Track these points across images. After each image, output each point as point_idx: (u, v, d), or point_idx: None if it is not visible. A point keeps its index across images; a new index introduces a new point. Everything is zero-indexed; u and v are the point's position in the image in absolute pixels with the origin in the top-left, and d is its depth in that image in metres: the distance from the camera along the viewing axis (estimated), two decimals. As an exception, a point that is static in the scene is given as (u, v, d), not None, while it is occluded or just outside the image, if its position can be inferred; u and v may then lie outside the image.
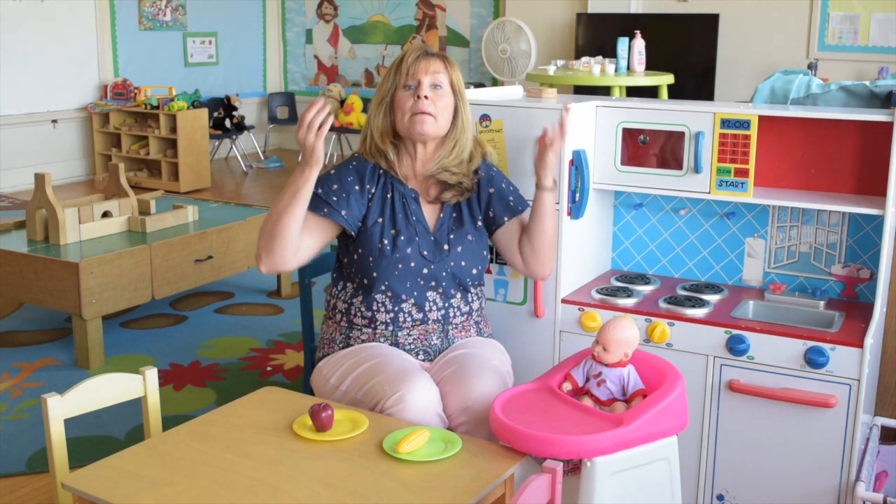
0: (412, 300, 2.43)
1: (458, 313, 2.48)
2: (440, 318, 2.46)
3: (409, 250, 2.41)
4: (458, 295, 2.48)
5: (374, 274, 2.41)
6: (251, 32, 10.07)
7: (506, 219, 2.54)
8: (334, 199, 2.41)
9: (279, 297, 4.99)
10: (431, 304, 2.45)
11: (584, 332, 2.71)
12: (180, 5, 9.23)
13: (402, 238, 2.42)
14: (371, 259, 2.42)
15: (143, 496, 1.80)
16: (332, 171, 2.49)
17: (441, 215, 2.49)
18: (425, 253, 2.43)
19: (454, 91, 2.46)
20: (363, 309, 2.45)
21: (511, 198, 2.56)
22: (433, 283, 2.44)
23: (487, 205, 2.52)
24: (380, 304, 2.43)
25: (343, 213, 2.40)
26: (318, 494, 1.80)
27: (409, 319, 2.43)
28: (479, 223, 2.52)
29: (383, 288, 2.41)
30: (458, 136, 2.47)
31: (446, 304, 2.46)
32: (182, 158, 7.86)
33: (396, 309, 2.43)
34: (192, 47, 9.42)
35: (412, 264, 2.41)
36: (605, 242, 3.04)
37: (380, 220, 2.43)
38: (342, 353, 2.43)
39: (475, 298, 2.53)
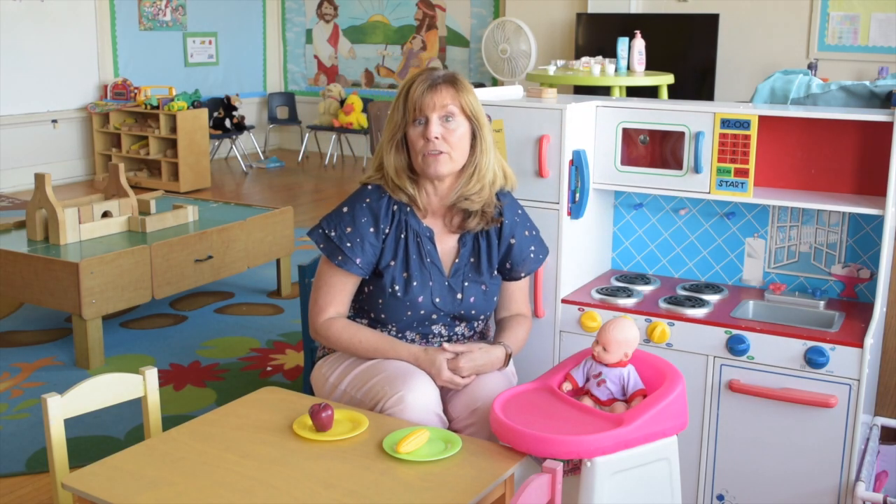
0: (417, 334, 2.40)
1: (462, 338, 2.45)
2: (444, 341, 2.42)
3: (420, 298, 2.33)
4: (464, 324, 2.44)
5: (383, 315, 2.36)
6: (251, 32, 10.07)
7: (522, 274, 2.47)
8: (348, 244, 2.30)
9: (279, 297, 4.99)
10: (437, 335, 2.42)
11: (584, 332, 2.71)
12: (180, 5, 9.23)
13: (415, 284, 2.33)
14: (381, 301, 2.35)
15: (143, 496, 1.80)
16: (345, 210, 2.35)
17: (457, 260, 2.38)
18: (437, 300, 2.35)
19: (468, 116, 2.30)
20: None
21: (533, 247, 2.46)
22: (440, 323, 2.40)
23: (506, 255, 2.42)
24: (383, 330, 2.40)
25: (357, 261, 2.30)
26: (318, 494, 1.80)
27: (411, 342, 2.41)
28: (496, 273, 2.44)
29: (390, 327, 2.38)
30: (478, 160, 2.32)
31: (451, 333, 2.43)
32: (182, 158, 7.86)
33: (400, 336, 2.40)
34: (192, 47, 9.42)
35: (422, 312, 2.35)
36: (605, 242, 3.04)
37: (392, 262, 2.33)
38: (342, 353, 2.43)
39: (480, 323, 2.50)
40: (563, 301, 2.75)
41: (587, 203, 2.75)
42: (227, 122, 9.07)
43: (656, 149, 2.74)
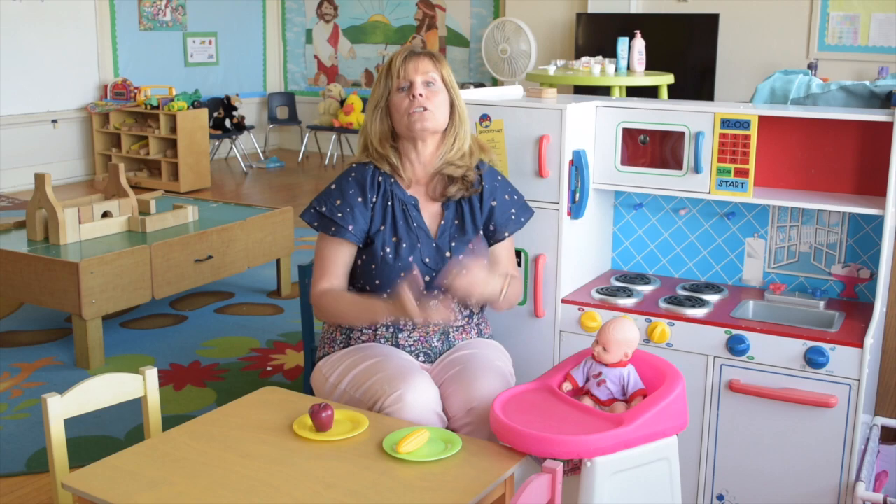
0: None
1: (459, 317, 2.48)
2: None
3: (410, 258, 2.40)
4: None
5: (377, 282, 2.40)
6: (251, 32, 10.07)
7: (506, 234, 2.52)
8: (339, 215, 2.40)
9: (279, 297, 4.99)
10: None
11: (584, 332, 2.71)
12: (180, 5, 9.23)
13: (404, 246, 2.41)
14: (373, 267, 2.41)
15: (143, 496, 1.80)
16: (333, 186, 2.48)
17: (442, 222, 2.47)
18: (427, 260, 2.42)
19: (446, 86, 2.46)
20: None
21: (514, 210, 2.53)
22: (435, 292, 2.43)
23: (489, 217, 2.50)
24: None
25: (350, 228, 2.40)
26: (318, 494, 1.80)
27: (409, 323, 2.43)
28: (481, 232, 2.50)
29: (385, 296, 2.40)
30: (457, 128, 2.47)
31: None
32: (182, 158, 7.86)
33: None
34: (192, 47, 9.42)
35: (414, 273, 2.40)
36: (605, 242, 3.04)
37: (382, 227, 2.42)
38: (342, 353, 2.43)
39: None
40: (563, 301, 2.75)
41: (587, 203, 2.75)
42: (227, 122, 9.07)
43: (656, 149, 2.74)
